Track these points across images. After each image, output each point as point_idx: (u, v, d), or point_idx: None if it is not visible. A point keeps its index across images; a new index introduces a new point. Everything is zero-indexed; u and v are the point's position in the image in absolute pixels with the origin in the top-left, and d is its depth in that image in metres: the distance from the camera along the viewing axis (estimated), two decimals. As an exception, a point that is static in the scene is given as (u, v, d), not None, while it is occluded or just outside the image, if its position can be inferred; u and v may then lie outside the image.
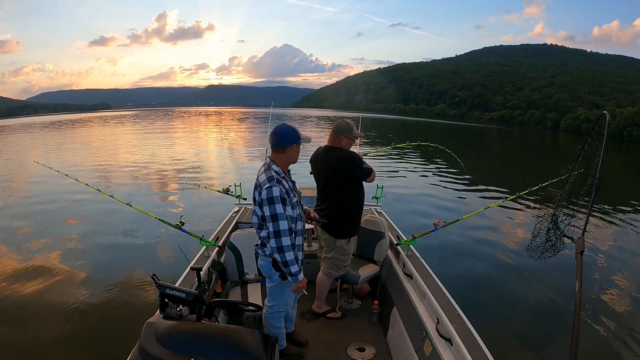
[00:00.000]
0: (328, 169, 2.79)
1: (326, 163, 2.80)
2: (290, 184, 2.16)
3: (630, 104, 69.42)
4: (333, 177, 2.77)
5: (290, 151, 2.15)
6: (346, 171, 2.74)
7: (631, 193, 11.77)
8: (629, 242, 7.01)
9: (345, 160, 2.74)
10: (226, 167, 13.86)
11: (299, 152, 2.21)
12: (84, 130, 35.82)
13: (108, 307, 4.09)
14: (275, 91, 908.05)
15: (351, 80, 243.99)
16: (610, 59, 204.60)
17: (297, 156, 2.22)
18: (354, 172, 2.74)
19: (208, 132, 32.76)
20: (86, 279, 4.71)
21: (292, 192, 2.15)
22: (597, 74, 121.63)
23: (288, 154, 2.16)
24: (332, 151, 2.81)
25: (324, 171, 2.82)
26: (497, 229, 7.28)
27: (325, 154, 2.83)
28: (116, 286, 4.55)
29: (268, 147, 2.33)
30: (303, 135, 2.20)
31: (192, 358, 1.42)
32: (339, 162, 2.74)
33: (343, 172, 2.74)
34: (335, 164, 2.75)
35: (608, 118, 1.64)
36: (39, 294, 4.34)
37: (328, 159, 2.80)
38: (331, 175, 2.78)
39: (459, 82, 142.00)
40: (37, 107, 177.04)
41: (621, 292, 4.92)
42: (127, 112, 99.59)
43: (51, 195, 9.01)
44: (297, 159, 2.22)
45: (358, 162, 2.76)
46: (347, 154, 2.79)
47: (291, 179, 2.26)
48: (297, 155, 2.22)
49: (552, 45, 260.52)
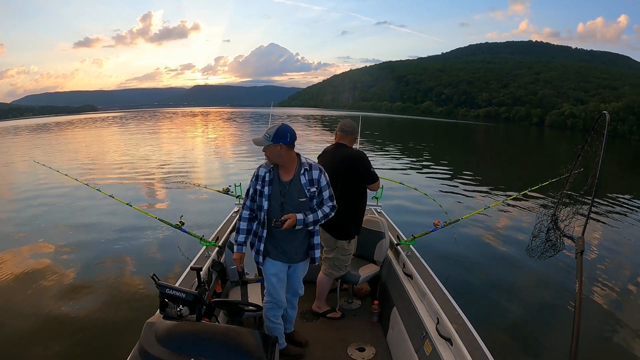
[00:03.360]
0: (336, 165, 2.76)
1: (335, 159, 2.79)
2: (270, 177, 2.22)
3: (614, 100, 70.51)
4: (339, 174, 2.74)
5: (288, 149, 2.20)
6: (352, 170, 2.72)
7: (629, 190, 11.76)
8: (629, 242, 7.01)
9: (353, 159, 2.73)
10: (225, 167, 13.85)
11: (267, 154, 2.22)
12: (73, 132, 35.37)
13: (108, 307, 4.08)
14: (261, 91, 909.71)
15: (338, 79, 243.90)
16: (595, 55, 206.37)
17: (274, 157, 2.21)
18: (360, 172, 2.72)
19: (201, 133, 32.51)
20: (86, 279, 4.70)
21: (265, 183, 2.22)
22: (582, 70, 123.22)
23: (284, 153, 2.18)
24: (341, 148, 2.81)
25: (331, 168, 2.81)
26: (497, 229, 7.28)
27: (335, 151, 2.83)
28: (116, 286, 4.55)
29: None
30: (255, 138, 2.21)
31: (192, 358, 1.42)
32: (346, 160, 2.73)
33: (350, 170, 2.73)
34: (344, 160, 2.74)
35: (608, 118, 1.63)
36: (39, 294, 4.34)
37: (337, 155, 2.79)
38: (338, 172, 2.74)
39: (445, 79, 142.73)
40: (23, 109, 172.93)
41: (621, 292, 4.92)
42: (113, 113, 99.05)
43: (51, 195, 9.01)
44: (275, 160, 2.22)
45: (366, 163, 2.74)
46: (357, 153, 2.79)
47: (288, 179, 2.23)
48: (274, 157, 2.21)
49: (537, 42, 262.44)
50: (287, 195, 2.21)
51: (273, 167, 2.24)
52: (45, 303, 4.13)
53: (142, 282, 4.55)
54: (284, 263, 2.32)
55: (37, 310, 4.00)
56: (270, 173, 2.24)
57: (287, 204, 2.21)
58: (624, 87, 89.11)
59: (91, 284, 4.60)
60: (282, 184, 2.22)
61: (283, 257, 2.29)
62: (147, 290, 4.31)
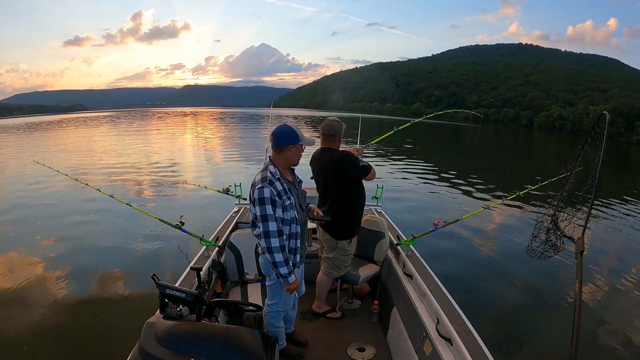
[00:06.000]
0: (324, 170, 2.78)
1: (322, 165, 2.79)
2: (286, 186, 2.08)
3: (603, 102, 70.88)
4: (330, 179, 2.76)
5: (287, 152, 2.10)
6: (341, 172, 2.71)
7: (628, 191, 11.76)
8: (629, 242, 7.01)
9: (338, 161, 2.71)
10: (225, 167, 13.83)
11: (299, 154, 2.15)
12: (65, 132, 35.02)
13: (108, 307, 4.09)
14: (252, 91, 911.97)
15: (328, 80, 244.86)
16: (584, 58, 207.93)
17: (297, 158, 2.16)
18: (348, 172, 2.71)
19: (197, 133, 32.38)
20: (86, 279, 4.70)
21: (288, 194, 2.06)
22: (571, 72, 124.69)
23: (286, 155, 2.11)
24: (326, 152, 2.79)
25: (321, 173, 2.82)
26: (497, 229, 7.28)
27: (321, 156, 2.82)
28: (116, 286, 4.56)
29: (269, 146, 2.33)
30: (304, 137, 2.12)
31: (192, 358, 1.42)
32: (333, 163, 2.72)
33: (338, 173, 2.72)
34: (330, 165, 2.73)
35: (608, 118, 1.62)
36: (38, 294, 4.34)
37: (323, 160, 2.79)
38: (327, 177, 2.77)
39: (435, 81, 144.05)
40: (12, 108, 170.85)
41: (621, 291, 4.92)
42: (104, 113, 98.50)
43: (51, 195, 9.01)
44: (297, 161, 2.17)
45: (352, 161, 2.71)
46: (340, 155, 2.75)
47: (293, 180, 2.22)
48: (297, 157, 2.16)
49: (527, 44, 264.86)
50: (301, 194, 2.26)
51: (280, 176, 2.08)
52: (45, 303, 4.13)
53: (142, 282, 4.55)
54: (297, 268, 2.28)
55: (37, 310, 4.00)
56: (280, 182, 2.06)
57: (302, 201, 2.27)
58: (612, 89, 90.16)
59: (91, 284, 4.60)
60: (293, 185, 2.21)
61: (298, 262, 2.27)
62: (147, 290, 4.30)
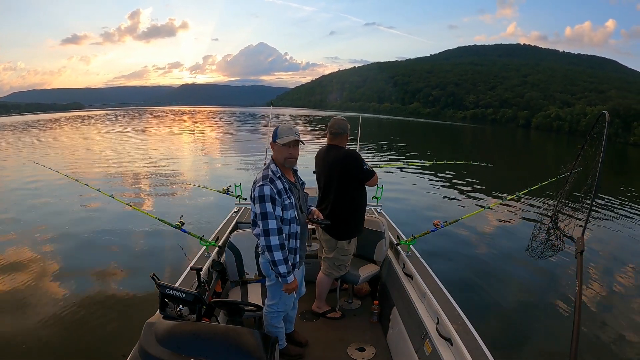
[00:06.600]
0: (328, 168, 2.77)
1: (326, 162, 2.79)
2: (286, 185, 2.07)
3: (600, 103, 71.23)
4: (333, 177, 2.75)
5: (273, 149, 2.13)
6: (345, 171, 2.70)
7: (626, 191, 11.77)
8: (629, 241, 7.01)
9: (344, 159, 2.70)
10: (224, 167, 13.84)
11: (283, 152, 2.07)
12: (63, 130, 34.93)
13: (108, 307, 4.08)
14: (250, 90, 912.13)
15: (326, 79, 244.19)
16: (582, 59, 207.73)
17: (282, 156, 2.08)
18: (353, 172, 2.69)
19: (196, 132, 32.32)
20: (86, 279, 4.71)
21: (288, 194, 2.05)
22: (569, 73, 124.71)
23: (274, 153, 2.14)
24: (332, 149, 2.79)
25: (325, 170, 2.81)
26: (497, 229, 7.28)
27: (327, 153, 2.82)
28: (116, 286, 4.55)
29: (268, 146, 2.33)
30: (283, 136, 2.05)
31: (192, 358, 1.42)
32: (338, 160, 2.71)
33: (343, 171, 2.71)
34: (335, 162, 2.72)
35: (608, 118, 1.62)
36: (38, 294, 4.34)
37: (329, 157, 2.78)
38: (331, 174, 2.75)
39: (433, 81, 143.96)
40: (9, 106, 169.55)
41: (621, 291, 4.92)
42: (102, 111, 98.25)
43: (51, 195, 9.01)
44: (282, 158, 2.09)
45: (359, 162, 2.69)
46: (347, 153, 2.74)
47: (295, 181, 2.21)
48: (281, 155, 2.08)
49: (525, 45, 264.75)
50: (302, 196, 2.24)
51: (280, 175, 2.08)
52: (45, 303, 4.13)
53: (142, 282, 4.55)
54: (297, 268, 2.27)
55: (37, 310, 4.00)
56: (280, 181, 2.06)
57: (302, 203, 2.24)
58: (610, 90, 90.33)
59: (91, 283, 4.60)
60: (294, 186, 2.19)
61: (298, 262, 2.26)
62: (147, 290, 4.30)
